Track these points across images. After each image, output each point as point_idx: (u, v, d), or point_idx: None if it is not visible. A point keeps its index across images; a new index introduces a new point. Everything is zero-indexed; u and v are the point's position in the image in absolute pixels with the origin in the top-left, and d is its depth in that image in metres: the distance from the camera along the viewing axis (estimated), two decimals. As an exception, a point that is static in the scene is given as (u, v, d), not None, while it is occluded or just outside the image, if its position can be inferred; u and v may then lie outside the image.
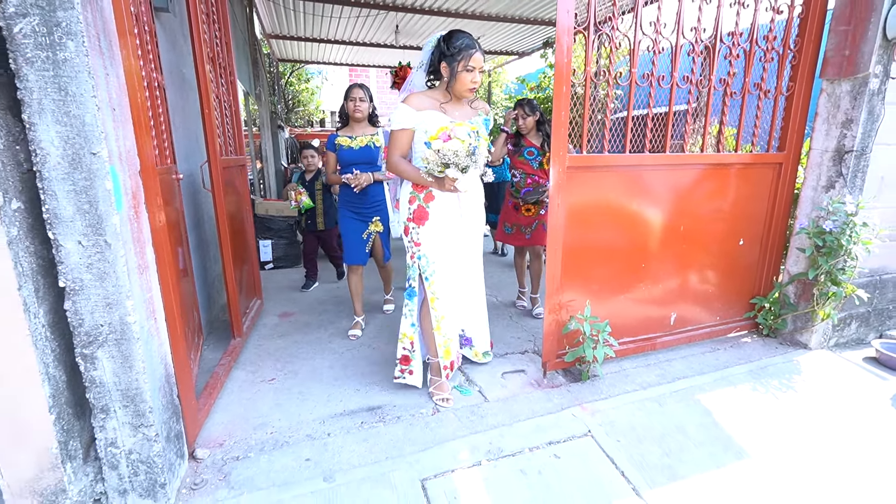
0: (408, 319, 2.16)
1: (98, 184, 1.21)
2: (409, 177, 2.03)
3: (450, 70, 1.92)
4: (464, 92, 1.96)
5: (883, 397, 2.26)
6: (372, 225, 2.91)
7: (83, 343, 1.31)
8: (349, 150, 2.81)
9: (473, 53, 1.89)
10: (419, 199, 2.05)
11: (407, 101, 1.99)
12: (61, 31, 1.10)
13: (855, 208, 2.34)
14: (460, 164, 1.81)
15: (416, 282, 2.12)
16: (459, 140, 1.86)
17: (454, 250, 2.12)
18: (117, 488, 1.44)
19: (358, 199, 2.84)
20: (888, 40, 2.22)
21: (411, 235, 2.08)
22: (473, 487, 1.64)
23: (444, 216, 2.06)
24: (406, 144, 2.02)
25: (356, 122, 2.83)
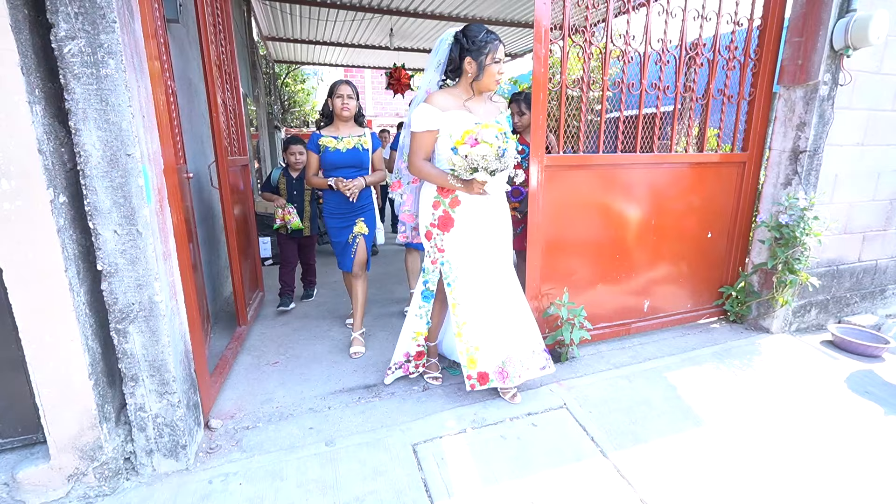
0: (422, 320, 2.17)
1: (132, 181, 1.41)
2: (434, 180, 1.95)
3: (477, 64, 1.87)
4: (491, 85, 1.92)
5: (830, 374, 2.49)
6: (356, 226, 2.68)
7: (117, 319, 1.50)
8: (335, 153, 2.57)
9: (498, 45, 1.87)
10: (444, 205, 1.98)
11: (430, 100, 1.92)
12: (104, 52, 1.30)
13: (807, 203, 2.57)
14: (489, 167, 1.76)
15: (435, 286, 2.12)
16: (488, 144, 1.76)
17: (479, 257, 2.04)
18: (144, 448, 1.64)
19: (345, 203, 2.63)
20: (835, 51, 2.45)
21: (434, 241, 2.03)
22: (458, 450, 1.85)
23: (469, 222, 1.99)
24: (430, 146, 1.95)
25: (342, 121, 2.59)
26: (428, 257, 2.09)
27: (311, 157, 2.64)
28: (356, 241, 2.69)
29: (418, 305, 2.17)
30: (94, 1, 1.26)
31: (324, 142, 2.58)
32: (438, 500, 1.61)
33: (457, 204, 1.98)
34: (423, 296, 2.15)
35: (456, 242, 2.01)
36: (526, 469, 1.76)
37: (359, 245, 2.70)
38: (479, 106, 1.98)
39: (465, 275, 2.04)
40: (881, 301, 3.33)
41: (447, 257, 2.03)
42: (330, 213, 2.70)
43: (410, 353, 2.28)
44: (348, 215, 2.67)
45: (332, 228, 2.71)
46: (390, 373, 2.31)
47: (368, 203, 2.74)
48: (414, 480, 1.69)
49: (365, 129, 2.70)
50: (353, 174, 2.61)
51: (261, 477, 1.69)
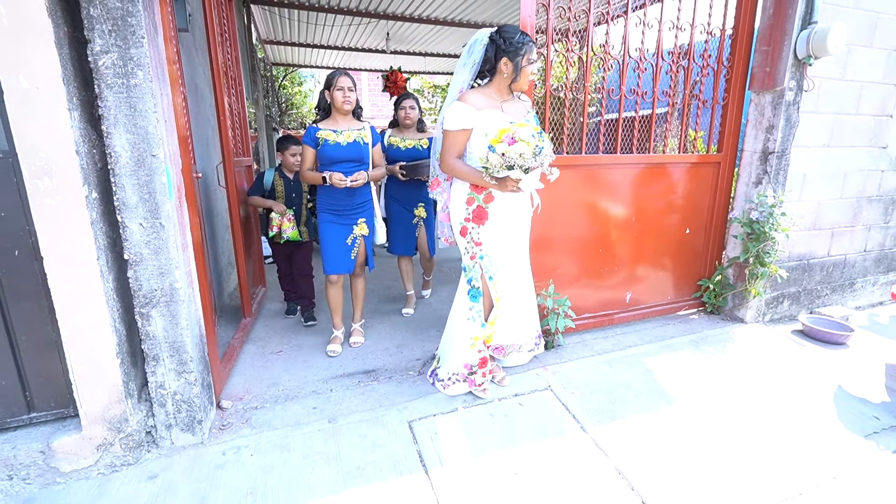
0: (476, 322, 2.11)
1: (156, 178, 1.57)
2: (467, 178, 1.97)
3: (514, 65, 1.89)
4: (525, 85, 1.96)
5: (796, 359, 2.68)
6: (357, 228, 2.57)
7: (141, 304, 1.67)
8: (335, 147, 2.43)
9: (532, 46, 1.90)
10: (478, 200, 2.00)
11: (464, 99, 1.93)
12: (133, 64, 1.46)
13: (776, 200, 2.76)
14: (525, 165, 1.77)
15: (480, 282, 2.09)
16: (525, 142, 1.77)
17: (511, 249, 2.10)
18: (164, 423, 1.80)
19: (343, 201, 2.51)
20: (798, 60, 2.65)
21: (471, 235, 2.04)
22: (450, 426, 2.03)
23: (503, 215, 2.04)
24: (463, 145, 1.96)
25: (341, 114, 2.48)
26: (466, 254, 2.06)
27: (306, 151, 2.48)
28: (356, 243, 2.59)
29: (468, 307, 2.10)
30: (126, 20, 1.43)
31: (322, 135, 2.44)
32: (432, 469, 1.78)
33: (490, 200, 2.00)
34: (471, 295, 2.09)
35: (492, 235, 2.03)
36: (512, 443, 1.93)
37: (359, 248, 2.61)
38: (510, 105, 2.01)
39: (503, 268, 2.06)
40: (850, 293, 3.53)
41: (485, 250, 2.03)
42: (325, 211, 2.55)
43: (472, 363, 2.15)
44: (347, 214, 2.55)
45: (324, 223, 2.55)
46: (450, 384, 2.19)
47: (369, 201, 2.64)
48: (410, 452, 1.86)
49: (364, 123, 2.59)
50: (354, 168, 2.48)
51: (270, 450, 1.85)
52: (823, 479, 1.78)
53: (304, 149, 2.50)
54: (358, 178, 2.42)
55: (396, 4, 5.77)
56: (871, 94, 3.07)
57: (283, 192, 3.09)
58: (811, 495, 1.70)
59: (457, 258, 4.22)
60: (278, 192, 3.09)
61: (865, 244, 3.46)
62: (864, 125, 3.12)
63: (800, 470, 1.81)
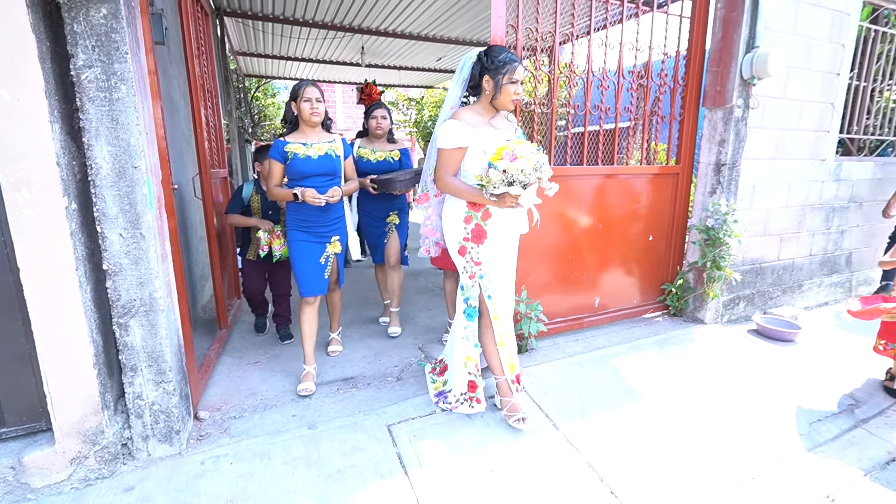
0: (469, 342, 2.09)
1: (137, 189, 1.60)
2: (465, 196, 1.96)
3: (494, 83, 1.92)
4: (507, 104, 1.96)
5: (751, 356, 2.88)
6: (330, 246, 2.43)
7: (119, 314, 1.67)
8: (305, 160, 2.29)
9: (517, 66, 1.91)
10: (476, 218, 1.99)
11: (458, 117, 1.95)
12: (117, 78, 1.50)
13: (728, 209, 2.98)
14: (525, 181, 1.77)
15: (477, 301, 2.07)
16: (526, 158, 1.78)
17: (507, 268, 2.11)
18: (141, 434, 1.80)
19: (315, 218, 2.37)
20: (744, 80, 2.89)
21: (470, 255, 2.02)
22: (429, 428, 2.09)
23: (500, 233, 2.04)
24: (459, 162, 1.97)
25: (310, 126, 2.34)
26: (465, 273, 2.05)
27: (273, 167, 2.32)
28: (329, 261, 2.46)
29: (463, 326, 2.09)
30: (110, 36, 1.47)
31: (291, 149, 2.29)
32: (411, 469, 1.83)
33: (488, 217, 1.99)
34: (467, 314, 2.08)
35: (491, 254, 2.02)
36: (488, 442, 2.01)
37: (332, 266, 2.49)
38: (499, 123, 2.03)
39: (500, 286, 2.06)
40: (799, 294, 3.80)
41: (485, 270, 2.02)
42: (296, 229, 2.39)
43: (465, 385, 2.16)
44: (320, 231, 2.40)
45: (295, 242, 2.40)
46: (458, 405, 2.16)
47: (342, 216, 2.50)
48: (389, 455, 1.91)
49: (335, 135, 2.46)
50: (327, 183, 2.34)
51: (249, 457, 1.87)
52: (773, 464, 1.93)
53: (270, 164, 2.33)
54: (334, 195, 2.27)
55: (371, 19, 5.89)
56: (810, 112, 3.36)
57: (259, 207, 2.92)
58: (763, 479, 1.84)
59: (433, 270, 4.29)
60: (254, 207, 2.93)
61: (811, 248, 3.74)
62: (805, 139, 3.40)
63: (753, 456, 1.96)
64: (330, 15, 5.72)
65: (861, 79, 3.70)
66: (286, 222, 2.46)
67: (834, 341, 3.13)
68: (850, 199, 3.85)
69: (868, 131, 3.95)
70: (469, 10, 5.31)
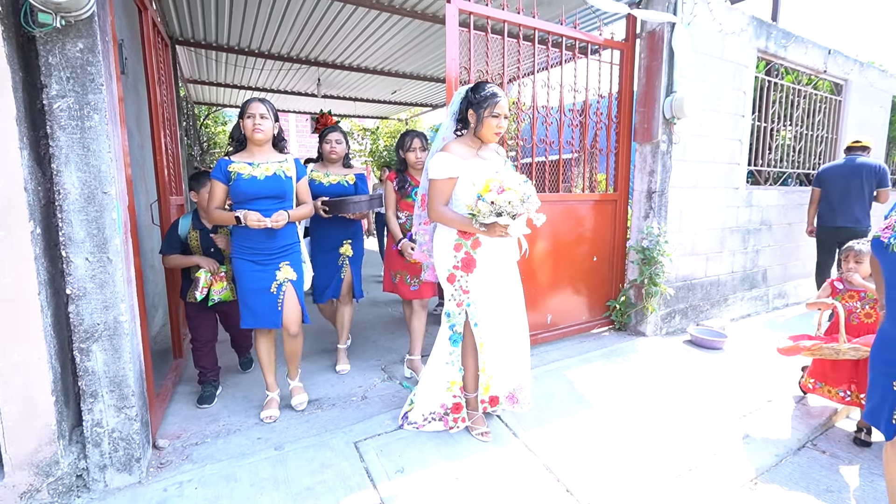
0: (454, 367, 2.15)
1: (106, 214, 1.63)
2: (456, 225, 2.00)
3: (477, 117, 2.01)
4: (490, 136, 2.04)
5: (685, 363, 3.18)
6: (280, 272, 2.21)
7: (81, 339, 1.66)
8: (250, 181, 2.11)
9: (498, 101, 1.99)
10: (466, 246, 2.04)
11: (447, 149, 2.03)
12: (90, 108, 1.55)
13: (660, 231, 3.33)
14: (513, 212, 1.82)
15: (463, 328, 2.12)
16: (513, 190, 1.84)
17: (499, 294, 2.13)
18: (98, 464, 1.75)
19: (262, 244, 2.17)
20: (666, 119, 3.31)
21: (459, 283, 2.06)
22: (395, 443, 2.16)
23: (490, 262, 2.08)
24: (450, 192, 2.03)
25: (257, 145, 2.19)
26: (452, 300, 2.09)
27: (215, 187, 2.14)
28: (282, 290, 2.21)
29: (448, 352, 2.14)
30: (86, 68, 1.53)
31: (235, 168, 2.12)
32: (379, 483, 1.89)
33: (478, 245, 2.04)
34: (452, 340, 2.13)
35: (480, 283, 2.06)
36: (452, 452, 2.11)
37: (287, 294, 2.22)
38: (488, 154, 2.11)
39: (489, 314, 2.09)
40: (725, 307, 4.23)
41: (472, 298, 2.07)
42: (241, 256, 2.20)
43: (447, 405, 2.21)
44: (269, 257, 2.20)
45: (246, 273, 2.19)
46: (426, 423, 2.22)
47: (294, 243, 2.30)
48: (357, 470, 1.96)
49: (287, 155, 2.29)
50: (274, 206, 2.15)
51: (215, 481, 1.85)
52: (707, 456, 2.16)
53: (212, 184, 2.15)
54: (279, 219, 2.08)
55: (328, 53, 6.08)
56: (723, 147, 3.87)
57: (198, 245, 2.50)
58: (698, 469, 2.06)
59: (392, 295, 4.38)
60: (192, 245, 2.49)
61: (732, 266, 4.21)
62: (720, 170, 3.89)
63: (689, 450, 2.18)
64: (287, 47, 5.86)
65: (762, 120, 4.31)
66: (232, 249, 2.25)
67: (754, 348, 3.51)
68: (762, 223, 4.39)
69: (771, 164, 4.57)
70: (424, 48, 5.63)
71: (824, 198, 4.11)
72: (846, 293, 2.42)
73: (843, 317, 2.22)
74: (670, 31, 3.23)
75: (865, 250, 2.36)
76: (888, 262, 1.50)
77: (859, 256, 2.38)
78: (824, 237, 4.17)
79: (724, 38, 3.65)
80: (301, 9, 4.40)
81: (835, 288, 2.48)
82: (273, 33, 5.19)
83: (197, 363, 2.60)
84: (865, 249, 2.36)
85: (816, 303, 2.46)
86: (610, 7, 2.93)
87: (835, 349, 2.19)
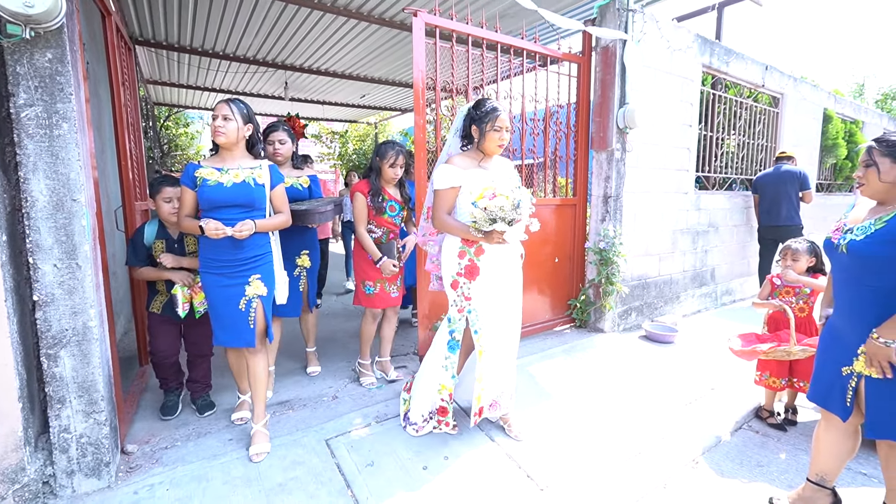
0: (448, 372, 2.17)
1: (75, 221, 1.65)
2: (457, 233, 2.08)
3: (479, 131, 2.11)
4: (493, 148, 2.14)
5: (640, 356, 3.40)
6: (250, 287, 2.06)
7: (49, 345, 1.67)
8: (216, 188, 1.98)
9: (499, 115, 2.09)
10: (469, 254, 2.11)
11: (450, 162, 2.14)
12: (59, 117, 1.58)
13: (615, 233, 3.56)
14: (506, 217, 1.90)
15: (462, 335, 2.16)
16: (504, 196, 1.93)
17: (500, 302, 2.17)
18: (65, 469, 1.75)
19: (226, 255, 2.02)
20: (620, 129, 3.54)
21: (461, 290, 2.12)
22: (365, 439, 2.24)
23: (493, 270, 2.13)
24: (452, 202, 2.12)
25: (226, 149, 2.07)
26: (454, 307, 2.15)
27: (184, 194, 2.06)
28: (251, 305, 2.06)
29: (444, 356, 2.17)
30: (55, 78, 1.55)
31: (202, 174, 2.01)
32: (350, 476, 1.97)
33: (481, 253, 2.10)
34: (450, 346, 2.17)
35: (482, 290, 2.11)
36: (420, 444, 2.21)
37: (257, 311, 2.08)
38: (491, 165, 2.21)
39: (490, 321, 2.14)
40: (678, 304, 4.52)
41: (474, 305, 2.11)
42: (208, 270, 2.06)
43: (434, 408, 2.26)
44: (236, 270, 2.04)
45: (213, 289, 2.06)
46: (425, 424, 2.26)
47: (265, 254, 2.13)
48: (328, 465, 2.04)
49: (262, 161, 2.17)
50: (241, 215, 2.02)
51: (186, 482, 1.89)
52: (655, 440, 2.35)
53: (182, 191, 2.07)
54: (243, 229, 1.95)
55: (295, 57, 6.07)
56: (673, 154, 4.15)
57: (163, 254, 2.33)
58: (647, 453, 2.25)
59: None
60: (157, 255, 2.35)
61: (683, 266, 4.50)
62: (671, 177, 4.17)
63: (639, 435, 2.37)
64: (252, 50, 5.82)
65: (708, 130, 4.64)
66: (199, 261, 2.11)
67: (702, 341, 3.79)
68: (710, 225, 4.72)
69: (717, 170, 4.92)
70: (392, 54, 5.73)
71: (761, 201, 4.66)
72: (783, 289, 2.65)
73: (793, 319, 2.32)
74: (622, 47, 3.46)
75: (801, 249, 2.58)
76: (837, 261, 1.71)
77: (796, 255, 2.60)
78: (764, 235, 4.72)
79: (672, 54, 3.93)
80: (267, 13, 4.41)
81: (773, 284, 2.70)
82: (238, 36, 5.16)
83: (161, 377, 2.50)
84: (801, 248, 2.58)
85: (763, 303, 2.59)
86: (566, 24, 3.13)
87: (786, 351, 2.32)
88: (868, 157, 1.67)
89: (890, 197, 1.62)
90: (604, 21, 3.49)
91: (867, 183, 1.66)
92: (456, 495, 1.88)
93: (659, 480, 2.07)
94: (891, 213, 1.57)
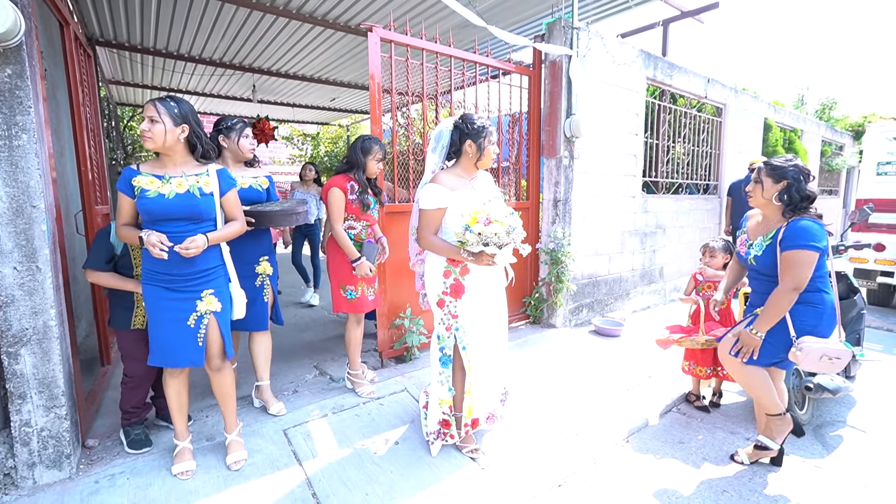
0: (444, 386, 2.20)
1: (35, 227, 1.74)
2: (445, 253, 2.07)
3: (477, 146, 2.09)
4: (489, 163, 2.17)
5: (588, 348, 3.66)
6: (202, 303, 1.88)
7: (9, 343, 1.76)
8: (157, 199, 1.78)
9: (493, 129, 2.16)
10: (455, 273, 2.11)
11: (437, 180, 2.07)
12: (18, 128, 1.68)
13: (564, 235, 3.81)
14: (500, 242, 1.90)
15: (452, 350, 2.18)
16: (499, 222, 1.92)
17: (486, 318, 2.20)
18: (27, 462, 1.84)
19: (175, 268, 1.82)
20: (567, 137, 3.80)
21: (448, 308, 2.13)
22: (321, 428, 2.40)
23: (478, 288, 2.14)
24: (439, 222, 2.09)
25: (164, 155, 1.84)
26: (441, 324, 2.17)
27: (121, 201, 1.83)
28: (202, 322, 1.89)
29: (438, 372, 2.22)
30: (14, 92, 1.65)
31: (140, 182, 1.79)
32: (305, 461, 2.12)
33: (466, 272, 2.11)
34: (442, 362, 2.21)
35: (468, 308, 2.13)
36: (373, 432, 2.38)
37: (209, 328, 1.91)
38: (478, 182, 2.20)
39: (476, 338, 2.17)
40: (628, 301, 4.83)
41: (461, 323, 2.14)
42: (152, 283, 1.85)
43: (440, 421, 2.25)
44: (186, 284, 1.86)
45: (156, 302, 1.84)
46: (436, 440, 2.24)
47: (219, 267, 1.96)
48: (285, 452, 2.18)
49: (209, 165, 1.94)
50: (187, 229, 1.83)
51: (147, 471, 2.00)
52: (593, 423, 2.58)
53: (119, 198, 1.84)
54: (190, 246, 1.76)
55: (263, 60, 6.12)
56: (621, 161, 4.45)
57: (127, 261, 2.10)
58: (583, 434, 2.48)
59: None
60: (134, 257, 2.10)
61: (632, 264, 4.81)
62: (619, 182, 4.47)
63: (578, 419, 2.60)
64: (219, 53, 5.85)
65: (655, 138, 4.98)
66: (142, 274, 1.88)
67: (645, 334, 4.08)
68: (657, 226, 5.05)
69: (665, 176, 5.27)
70: (360, 59, 5.85)
71: (734, 205, 5.11)
72: (705, 284, 2.94)
73: (703, 312, 2.63)
74: (568, 61, 3.72)
75: (718, 247, 2.89)
76: (750, 268, 2.20)
77: (713, 252, 2.90)
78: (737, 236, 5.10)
79: (617, 67, 4.22)
80: (233, 18, 4.48)
81: (696, 280, 2.99)
82: (203, 40, 5.19)
83: (124, 404, 2.17)
84: (718, 246, 2.89)
85: (686, 298, 2.90)
86: (514, 41, 3.36)
87: (695, 340, 2.58)
88: (757, 175, 2.07)
89: (769, 211, 2.06)
90: (551, 37, 3.74)
91: (754, 196, 2.09)
92: (404, 474, 2.06)
93: (590, 458, 2.30)
94: (773, 230, 2.05)
